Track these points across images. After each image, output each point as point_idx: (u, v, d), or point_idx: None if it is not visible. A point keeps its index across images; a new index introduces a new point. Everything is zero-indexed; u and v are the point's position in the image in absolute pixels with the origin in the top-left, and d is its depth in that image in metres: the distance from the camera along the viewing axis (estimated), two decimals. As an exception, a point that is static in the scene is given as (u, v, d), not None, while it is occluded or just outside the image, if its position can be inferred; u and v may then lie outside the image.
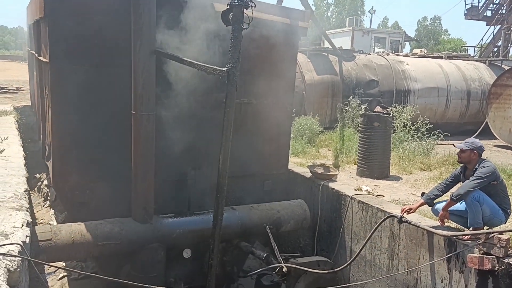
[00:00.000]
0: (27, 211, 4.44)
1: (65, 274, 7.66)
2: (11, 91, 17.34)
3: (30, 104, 13.64)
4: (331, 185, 7.26)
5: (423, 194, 5.53)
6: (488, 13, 25.26)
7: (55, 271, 7.89)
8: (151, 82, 5.31)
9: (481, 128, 13.25)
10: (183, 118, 6.08)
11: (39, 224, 8.61)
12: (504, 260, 4.50)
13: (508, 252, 4.57)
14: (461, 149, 5.14)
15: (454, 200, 4.99)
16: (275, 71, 6.78)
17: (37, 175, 11.40)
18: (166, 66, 5.66)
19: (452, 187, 5.33)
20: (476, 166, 5.02)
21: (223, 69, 4.84)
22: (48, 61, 5.58)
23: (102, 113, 5.68)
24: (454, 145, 5.34)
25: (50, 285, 7.35)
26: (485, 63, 16.16)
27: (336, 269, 6.31)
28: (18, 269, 3.31)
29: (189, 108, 6.11)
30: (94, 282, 7.40)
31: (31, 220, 4.44)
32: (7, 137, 7.33)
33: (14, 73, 24.12)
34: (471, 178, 4.95)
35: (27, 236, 3.85)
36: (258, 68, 6.63)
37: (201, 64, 5.02)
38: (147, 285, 4.06)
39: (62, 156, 5.73)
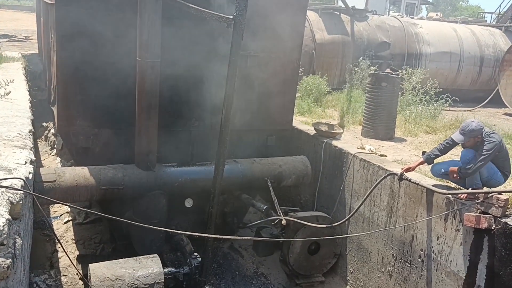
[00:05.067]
0: (31, 150, 4.51)
1: (70, 218, 7.86)
2: (19, 39, 17.28)
3: (37, 52, 13.59)
4: (334, 143, 7.26)
5: (423, 153, 5.53)
6: (509, -22, 24.36)
7: (61, 215, 8.10)
8: (157, 29, 5.24)
9: (491, 96, 13.04)
10: (188, 68, 6.04)
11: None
12: (501, 220, 4.52)
13: (506, 213, 4.60)
14: (463, 143, 5.01)
15: (460, 175, 5.00)
16: (283, 24, 6.63)
17: (44, 124, 11.51)
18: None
19: (452, 148, 5.27)
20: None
21: (229, 16, 4.76)
22: (53, 3, 5.51)
23: (108, 58, 5.64)
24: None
25: (55, 229, 7.56)
26: (501, 29, 15.73)
27: (334, 224, 6.40)
28: (21, 202, 3.38)
29: (194, 58, 6.07)
30: (98, 228, 7.61)
31: (35, 158, 4.50)
32: (13, 79, 7.34)
33: (23, 23, 23.84)
34: (477, 156, 4.89)
35: (30, 173, 3.92)
36: (266, 20, 6.49)
37: (207, 11, 4.93)
38: (148, 226, 4.16)
39: (67, 100, 5.76)
